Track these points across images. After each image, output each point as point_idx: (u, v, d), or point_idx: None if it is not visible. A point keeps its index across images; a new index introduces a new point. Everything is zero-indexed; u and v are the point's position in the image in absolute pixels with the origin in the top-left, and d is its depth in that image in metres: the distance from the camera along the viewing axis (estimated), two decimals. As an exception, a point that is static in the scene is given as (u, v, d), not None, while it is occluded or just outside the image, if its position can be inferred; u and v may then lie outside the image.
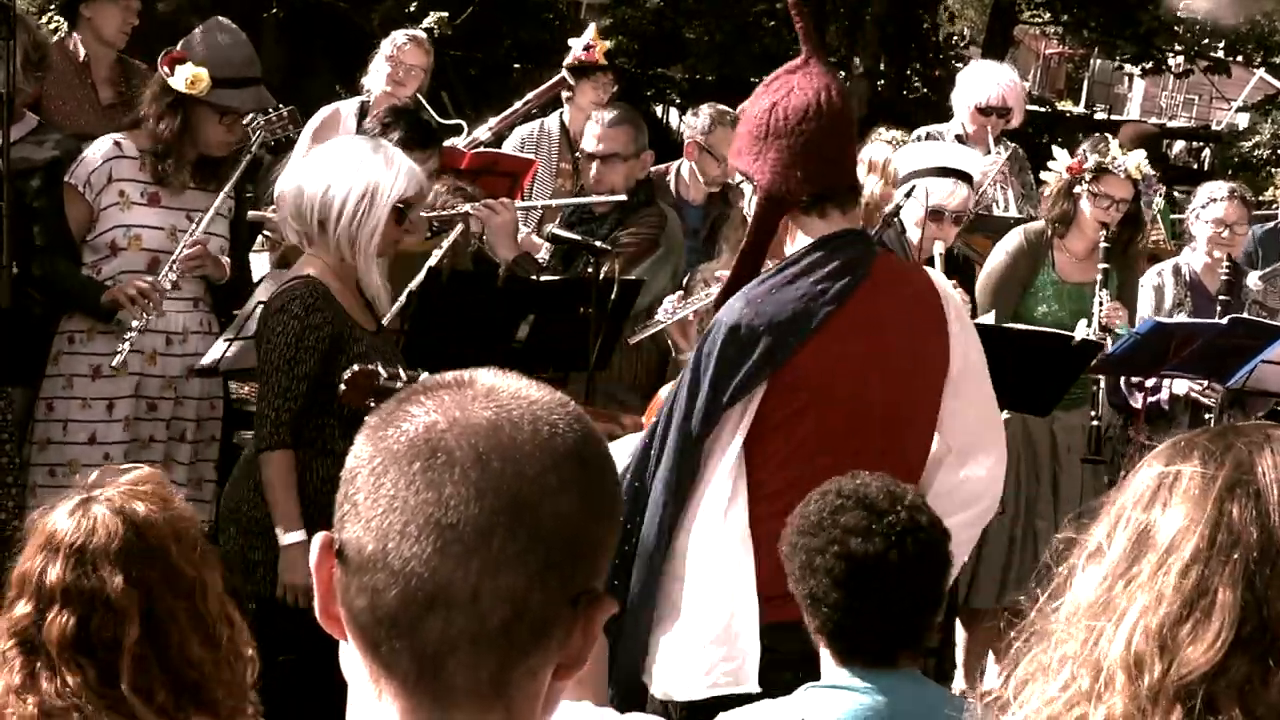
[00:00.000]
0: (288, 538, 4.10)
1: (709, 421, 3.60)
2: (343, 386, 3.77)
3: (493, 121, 7.32)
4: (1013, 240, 6.02)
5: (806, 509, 2.89)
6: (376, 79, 6.97)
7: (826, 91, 3.63)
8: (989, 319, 5.54)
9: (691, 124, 6.60)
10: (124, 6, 6.11)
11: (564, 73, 7.24)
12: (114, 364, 4.80)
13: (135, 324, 4.77)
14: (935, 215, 5.45)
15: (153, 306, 4.80)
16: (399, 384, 3.72)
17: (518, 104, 7.38)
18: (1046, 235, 5.99)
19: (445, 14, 11.71)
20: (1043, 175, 6.56)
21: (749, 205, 3.80)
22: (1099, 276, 5.75)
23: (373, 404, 3.68)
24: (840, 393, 3.64)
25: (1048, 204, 6.07)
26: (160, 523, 2.54)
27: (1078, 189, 5.86)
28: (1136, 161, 5.85)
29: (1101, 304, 5.69)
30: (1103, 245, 5.79)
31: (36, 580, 2.48)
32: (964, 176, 5.59)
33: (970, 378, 3.84)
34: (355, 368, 3.79)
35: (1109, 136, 6.21)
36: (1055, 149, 6.26)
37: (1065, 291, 5.93)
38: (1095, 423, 5.71)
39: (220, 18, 5.10)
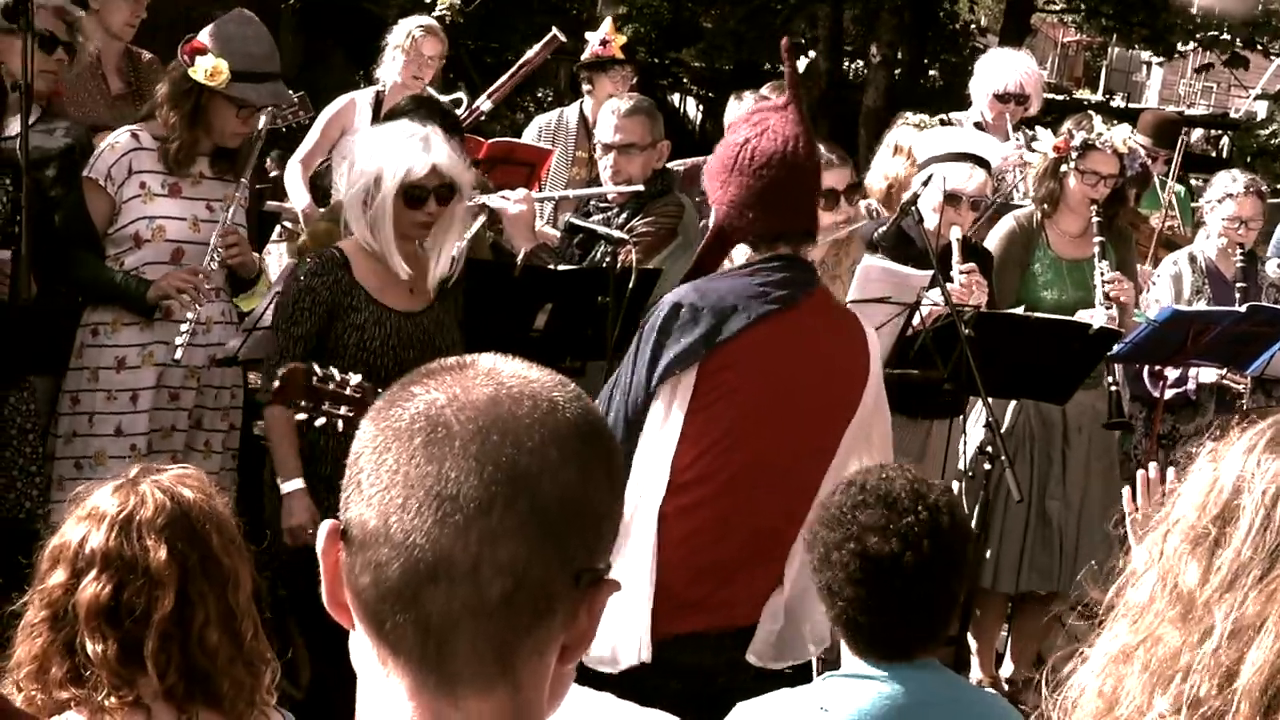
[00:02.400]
0: (286, 486, 4.44)
1: (646, 393, 3.74)
2: (276, 383, 3.89)
3: (491, 89, 7.29)
4: (1004, 226, 6.04)
5: (831, 499, 2.87)
6: (390, 69, 6.98)
7: (795, 141, 3.76)
8: (1018, 311, 5.55)
9: (735, 112, 6.61)
10: (133, 0, 6.13)
11: (554, 32, 7.22)
12: (176, 357, 4.83)
13: (190, 315, 4.81)
14: (952, 200, 5.45)
15: (201, 296, 4.84)
16: (330, 385, 3.92)
17: (514, 69, 7.35)
18: (1037, 217, 5.98)
19: (457, 1, 11.73)
20: (1026, 156, 6.56)
21: None
22: (1095, 250, 5.75)
23: (302, 402, 3.89)
24: (764, 391, 3.75)
25: (1034, 185, 6.07)
26: (206, 510, 2.58)
27: (1064, 168, 5.86)
28: (1122, 136, 5.85)
29: (1103, 274, 5.69)
30: (1095, 220, 5.79)
31: (76, 548, 2.51)
32: (981, 162, 5.59)
33: (880, 420, 4.02)
34: (289, 365, 3.91)
35: (1092, 114, 6.20)
36: (1040, 130, 6.25)
37: (1064, 270, 5.92)
38: (1114, 388, 5.71)
39: (243, 10, 5.09)
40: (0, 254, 4.66)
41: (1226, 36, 19.05)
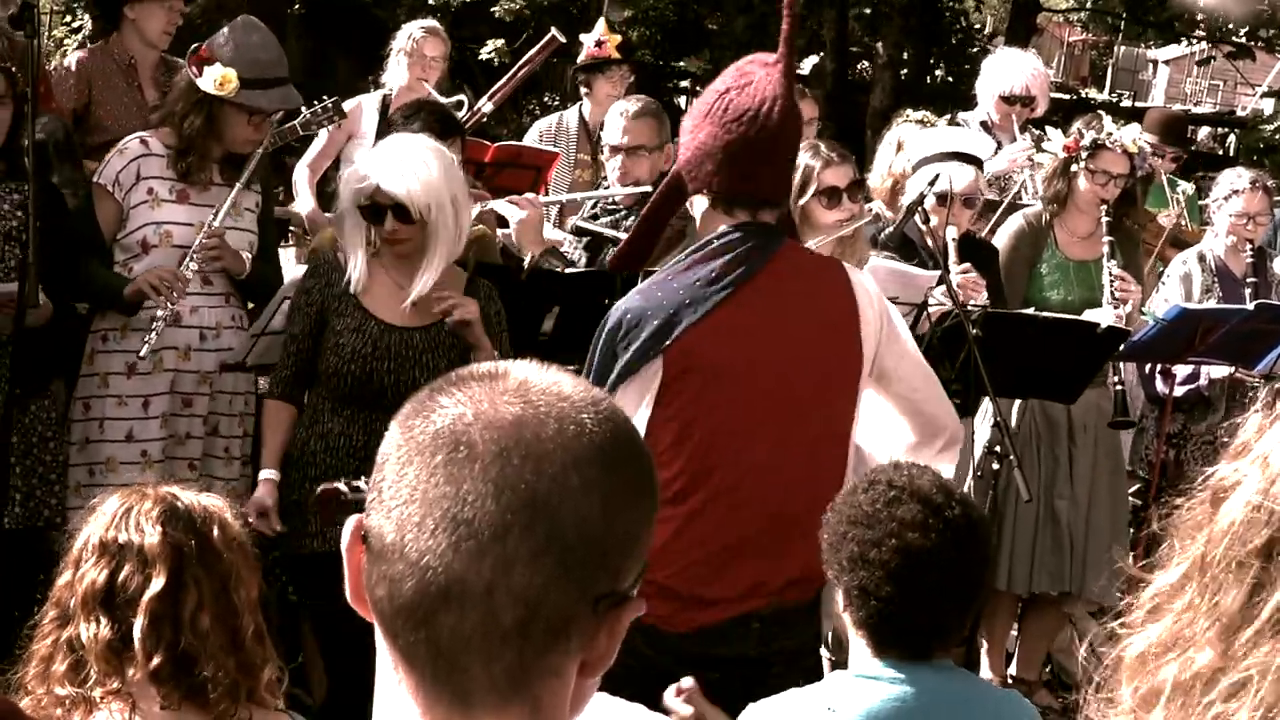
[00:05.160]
0: (263, 473, 4.54)
1: None
2: (315, 507, 3.91)
3: (492, 90, 7.29)
4: (1014, 224, 6.03)
5: (855, 498, 2.82)
6: (396, 73, 7.00)
7: (772, 104, 3.53)
8: (1027, 311, 5.54)
9: None
10: (168, 7, 6.15)
11: (553, 31, 7.22)
12: (141, 354, 4.80)
13: (161, 313, 4.77)
14: (944, 200, 5.45)
15: (176, 295, 4.81)
16: (362, 494, 3.81)
17: (514, 70, 7.35)
18: (1046, 217, 5.98)
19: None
20: (1036, 158, 6.55)
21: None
22: (1105, 249, 5.74)
23: (339, 520, 3.81)
24: (733, 379, 3.55)
25: (1044, 185, 6.06)
26: (210, 510, 2.62)
27: (1075, 167, 5.85)
28: (1132, 136, 5.84)
29: (1111, 272, 5.68)
30: (1105, 220, 5.78)
31: (80, 546, 2.56)
32: (969, 159, 5.59)
33: (895, 351, 3.76)
34: (321, 487, 3.79)
35: (1102, 114, 6.20)
36: (1050, 129, 6.24)
37: (1072, 270, 5.91)
38: (1120, 386, 5.70)
39: (249, 16, 5.08)
40: (7, 287, 4.66)
41: (1232, 25, 19.07)
